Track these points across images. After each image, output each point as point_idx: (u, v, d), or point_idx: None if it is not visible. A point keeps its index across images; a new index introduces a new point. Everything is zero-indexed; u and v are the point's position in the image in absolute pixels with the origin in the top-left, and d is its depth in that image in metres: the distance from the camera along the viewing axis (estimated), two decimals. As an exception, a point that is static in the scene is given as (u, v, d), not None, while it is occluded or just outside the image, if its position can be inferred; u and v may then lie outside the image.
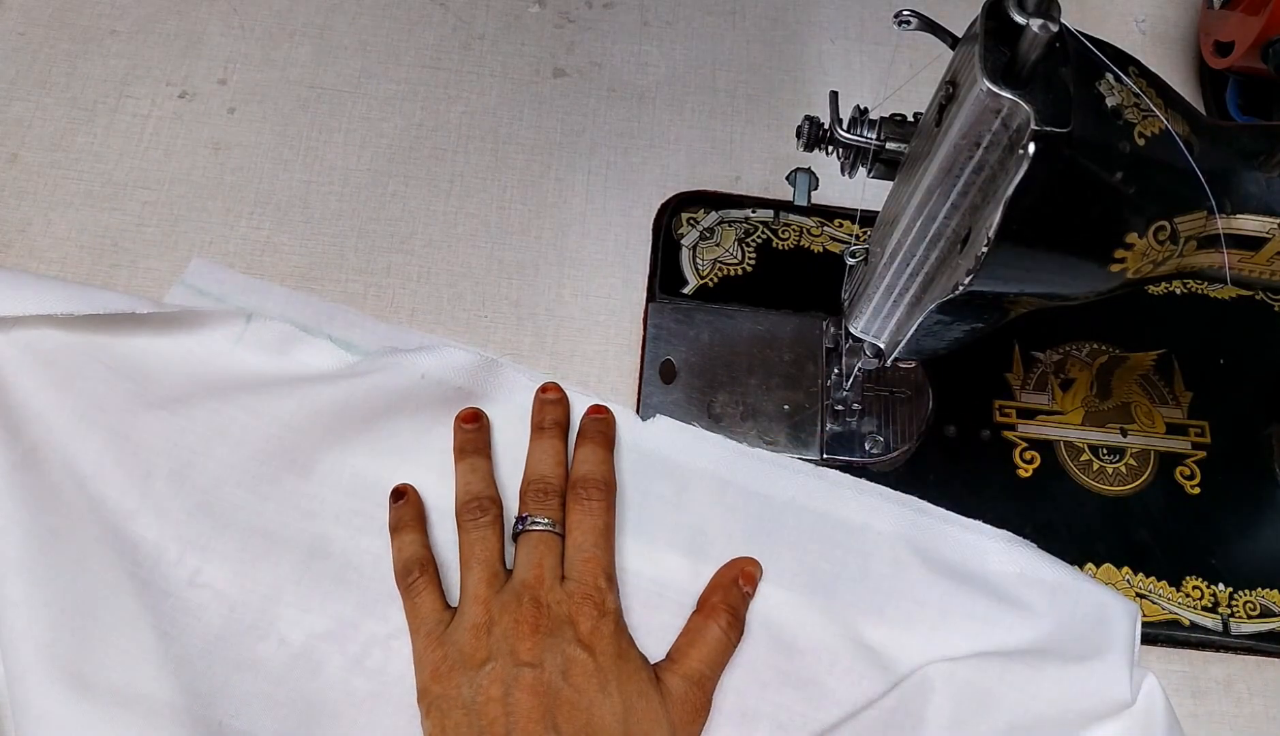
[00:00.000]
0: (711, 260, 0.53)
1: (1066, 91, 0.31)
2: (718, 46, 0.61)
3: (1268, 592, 0.48)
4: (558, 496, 0.45)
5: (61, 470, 0.43)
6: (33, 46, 0.57)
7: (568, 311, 0.53)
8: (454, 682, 0.40)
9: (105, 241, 0.52)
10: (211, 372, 0.47)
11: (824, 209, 0.55)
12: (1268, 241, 0.36)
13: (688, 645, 0.43)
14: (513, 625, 0.40)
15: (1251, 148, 0.36)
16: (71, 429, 0.44)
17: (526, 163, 0.56)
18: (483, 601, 0.41)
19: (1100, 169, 0.32)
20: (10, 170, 0.54)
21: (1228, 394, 0.52)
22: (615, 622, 0.42)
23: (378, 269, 0.53)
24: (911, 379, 0.50)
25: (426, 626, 0.42)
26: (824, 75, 0.60)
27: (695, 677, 0.42)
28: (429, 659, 0.41)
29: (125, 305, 0.45)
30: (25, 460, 0.42)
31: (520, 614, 0.40)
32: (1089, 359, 0.53)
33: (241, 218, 0.53)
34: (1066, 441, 0.51)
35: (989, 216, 0.33)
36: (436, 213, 0.55)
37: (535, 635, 0.40)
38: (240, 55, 0.58)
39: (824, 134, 0.39)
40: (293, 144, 0.56)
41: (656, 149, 0.57)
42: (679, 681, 0.41)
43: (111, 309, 0.45)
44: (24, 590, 0.40)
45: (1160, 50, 0.63)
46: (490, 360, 0.48)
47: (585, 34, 0.60)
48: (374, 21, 0.60)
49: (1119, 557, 0.48)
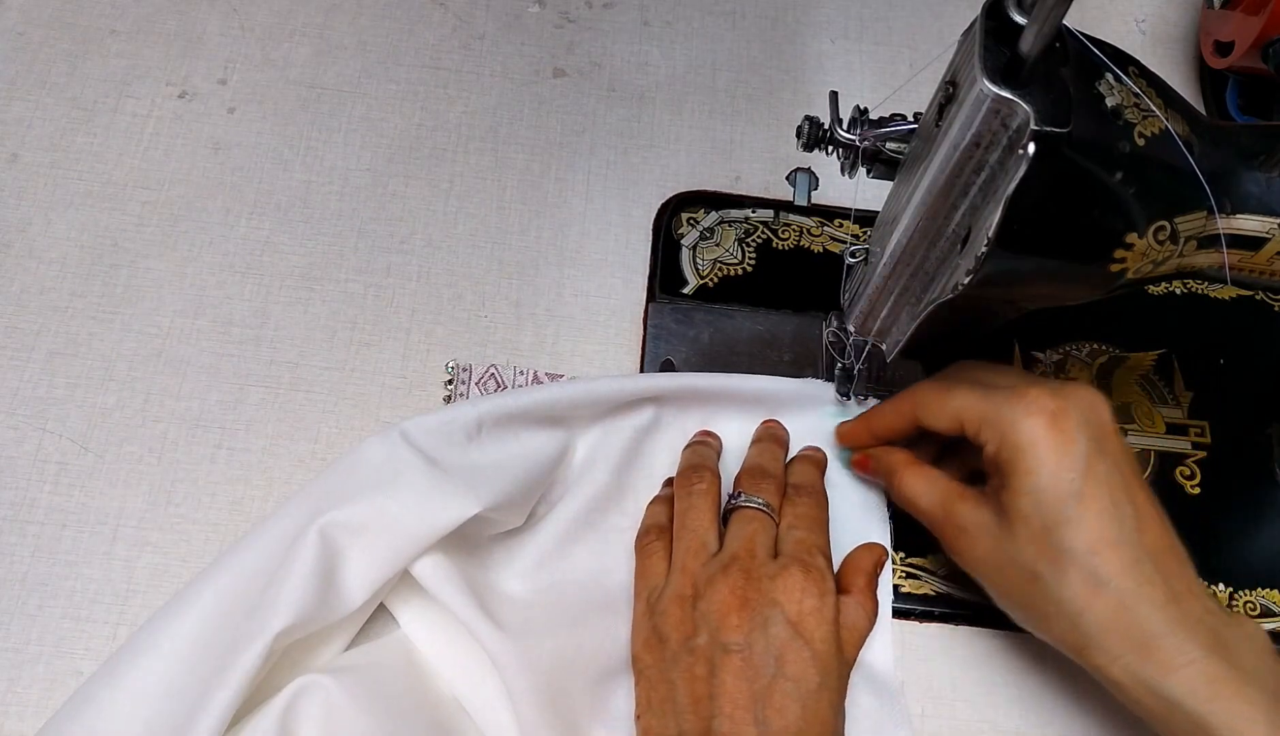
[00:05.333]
0: (711, 260, 0.53)
1: (1066, 91, 0.31)
2: (718, 46, 0.61)
3: (1268, 592, 0.48)
4: (775, 484, 0.43)
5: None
6: (33, 46, 0.57)
7: (568, 311, 0.53)
8: (662, 654, 0.39)
9: (105, 241, 0.52)
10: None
11: (824, 209, 0.55)
12: (1268, 241, 0.36)
13: (841, 628, 0.40)
14: (719, 598, 0.38)
15: (1251, 148, 0.36)
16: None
17: (526, 163, 0.56)
18: (689, 572, 0.40)
19: (1100, 169, 0.32)
20: (10, 170, 0.54)
21: (1228, 394, 0.52)
22: (835, 609, 0.39)
23: (378, 269, 0.53)
24: (911, 379, 0.50)
25: (647, 591, 0.41)
26: (824, 75, 0.60)
27: (851, 663, 0.40)
28: (643, 627, 0.40)
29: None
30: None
31: (728, 587, 0.38)
32: (1089, 359, 0.53)
33: (241, 218, 0.53)
34: (1066, 441, 0.50)
35: (989, 216, 0.33)
36: (436, 213, 0.55)
37: (742, 609, 0.38)
38: (240, 55, 0.58)
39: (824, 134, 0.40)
40: (293, 144, 0.56)
41: (656, 149, 0.57)
42: (845, 665, 0.39)
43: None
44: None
45: (1160, 50, 0.63)
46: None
47: (585, 34, 0.60)
48: (374, 21, 0.60)
49: (1119, 557, 0.48)
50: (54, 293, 0.51)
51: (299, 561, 0.40)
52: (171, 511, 0.46)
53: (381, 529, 0.41)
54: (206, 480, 0.47)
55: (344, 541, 0.41)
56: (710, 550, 0.41)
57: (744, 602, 0.38)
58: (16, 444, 0.47)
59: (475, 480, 0.42)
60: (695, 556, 0.40)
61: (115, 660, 0.39)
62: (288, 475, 0.48)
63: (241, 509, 0.47)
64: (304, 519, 0.41)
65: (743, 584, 0.38)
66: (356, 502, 0.41)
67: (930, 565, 0.47)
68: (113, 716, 0.38)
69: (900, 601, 0.46)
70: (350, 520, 0.41)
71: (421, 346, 0.51)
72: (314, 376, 0.50)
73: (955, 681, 0.46)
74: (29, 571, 0.45)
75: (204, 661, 0.38)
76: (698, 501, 0.42)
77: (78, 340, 0.50)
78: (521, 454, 0.45)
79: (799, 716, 0.36)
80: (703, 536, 0.41)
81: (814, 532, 0.41)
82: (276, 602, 0.39)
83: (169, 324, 0.51)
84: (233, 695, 0.37)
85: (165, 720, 0.38)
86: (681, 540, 0.41)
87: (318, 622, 0.40)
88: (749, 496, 0.42)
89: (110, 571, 0.45)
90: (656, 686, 0.38)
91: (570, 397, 0.46)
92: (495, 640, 0.40)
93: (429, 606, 0.43)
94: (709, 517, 0.42)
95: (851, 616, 0.40)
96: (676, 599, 0.39)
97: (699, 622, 0.38)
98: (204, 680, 0.38)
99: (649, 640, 0.40)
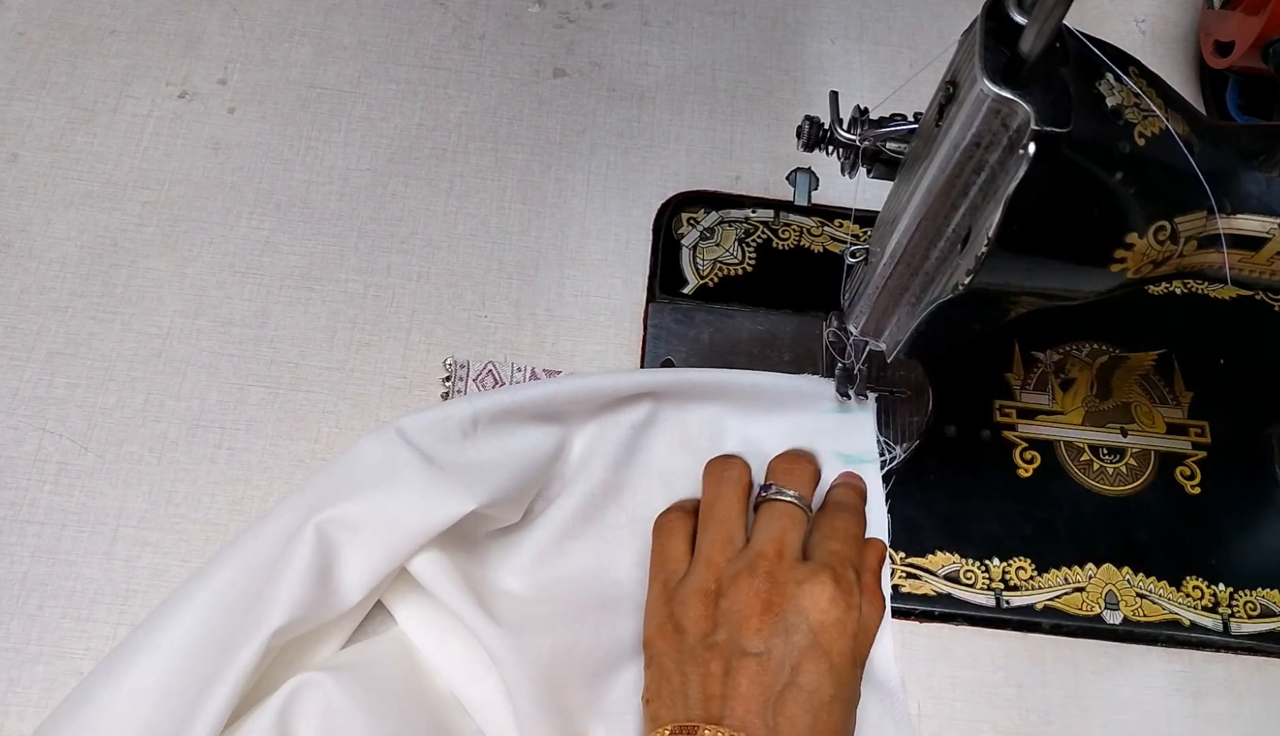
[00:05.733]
0: (711, 260, 0.53)
1: (1066, 91, 0.31)
2: (718, 46, 0.61)
3: (1268, 592, 0.48)
4: (809, 475, 0.43)
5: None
6: (33, 46, 0.57)
7: (568, 311, 0.53)
8: (679, 645, 0.38)
9: (105, 241, 0.52)
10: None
11: (824, 209, 0.55)
12: (1268, 241, 0.36)
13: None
14: (742, 599, 0.38)
15: (1251, 148, 0.36)
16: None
17: (526, 163, 0.56)
18: (714, 567, 0.39)
19: (1100, 169, 0.32)
20: (10, 170, 0.54)
21: (1228, 394, 0.52)
22: (858, 624, 0.38)
23: (378, 269, 0.53)
24: (911, 379, 0.50)
25: (664, 573, 0.41)
26: (824, 75, 0.60)
27: (863, 664, 0.40)
28: (657, 612, 0.40)
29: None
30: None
31: (753, 588, 0.38)
32: (1089, 359, 0.53)
33: (241, 218, 0.53)
34: (1066, 441, 0.51)
35: (989, 216, 0.33)
36: (436, 213, 0.55)
37: (765, 614, 0.37)
38: (240, 55, 0.58)
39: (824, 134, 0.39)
40: (293, 144, 0.56)
41: (656, 149, 0.57)
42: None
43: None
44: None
45: (1160, 50, 0.63)
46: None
47: (585, 34, 0.60)
48: (374, 21, 0.60)
49: (1119, 557, 0.48)
50: (54, 293, 0.51)
51: (296, 558, 0.40)
52: (171, 511, 0.46)
53: (378, 526, 0.41)
54: (206, 480, 0.47)
55: (340, 538, 0.41)
56: (737, 544, 0.40)
57: (768, 606, 0.37)
58: (16, 444, 0.47)
59: (472, 477, 0.42)
60: (721, 550, 0.40)
61: (113, 658, 0.39)
62: (288, 475, 0.48)
63: (241, 509, 0.47)
64: (300, 516, 0.41)
65: (767, 588, 0.38)
66: (353, 500, 0.41)
67: (930, 565, 0.47)
68: (111, 714, 0.38)
69: (900, 601, 0.46)
70: (347, 517, 0.41)
71: (421, 346, 0.51)
72: (314, 376, 0.50)
73: (955, 681, 0.46)
74: (29, 571, 0.45)
75: (202, 658, 0.38)
76: (727, 491, 0.42)
77: (78, 340, 0.50)
78: (518, 450, 0.45)
79: (809, 727, 0.36)
80: (730, 529, 0.40)
81: (849, 546, 0.41)
82: (274, 600, 0.39)
83: (169, 324, 0.50)
84: (230, 692, 0.37)
85: (164, 718, 0.37)
86: (708, 530, 0.41)
87: (315, 620, 0.40)
88: (781, 489, 0.41)
89: (110, 571, 0.45)
90: (670, 676, 0.38)
91: (567, 393, 0.45)
92: (493, 636, 0.40)
93: (426, 603, 0.43)
94: (738, 509, 0.41)
95: (864, 617, 0.39)
96: (699, 593, 0.39)
97: (720, 620, 0.38)
98: (202, 677, 0.38)
99: (664, 627, 0.39)
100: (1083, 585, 0.47)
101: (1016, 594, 0.47)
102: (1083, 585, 0.47)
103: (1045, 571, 0.48)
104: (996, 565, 0.48)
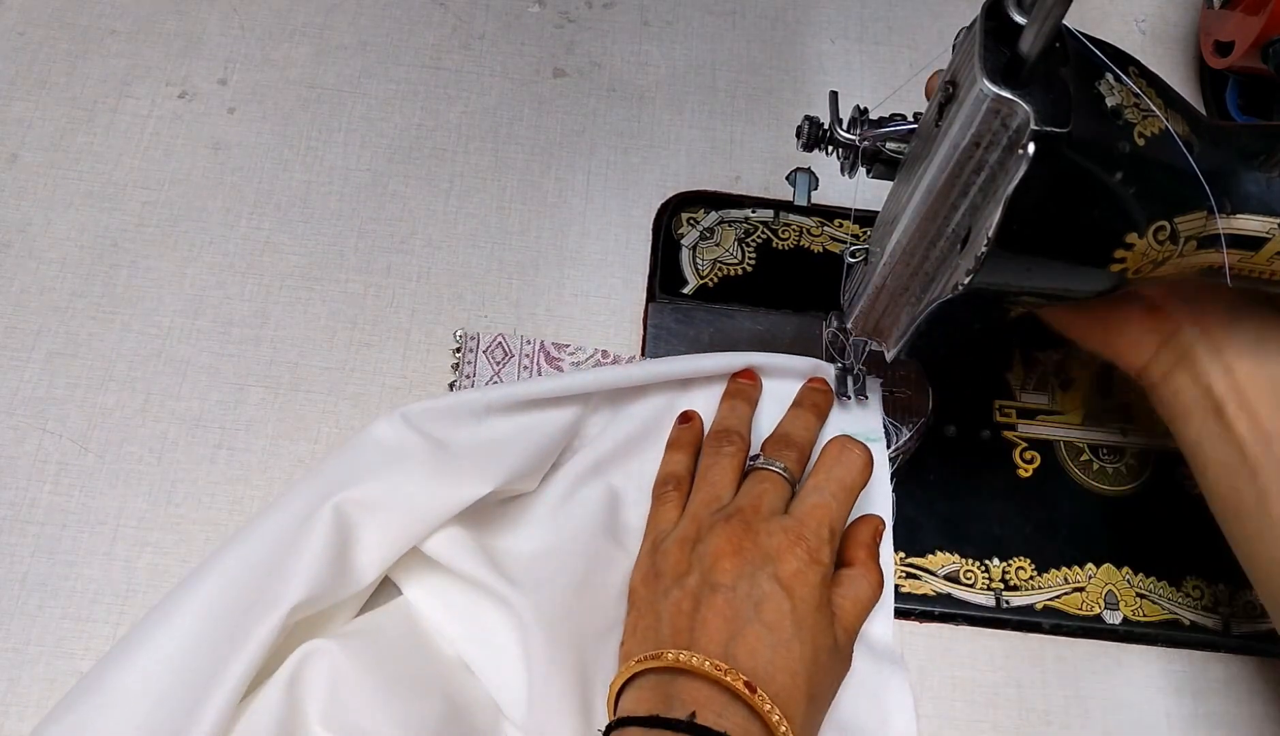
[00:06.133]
0: (711, 260, 0.53)
1: (1066, 91, 0.31)
2: (718, 46, 0.61)
3: (1268, 592, 0.48)
4: (799, 453, 0.44)
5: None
6: (33, 46, 0.57)
7: (568, 311, 0.53)
8: (655, 588, 0.41)
9: (105, 241, 0.52)
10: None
11: (824, 209, 0.55)
12: (1268, 241, 0.36)
13: (842, 598, 0.41)
14: (715, 543, 0.40)
15: (1251, 148, 0.36)
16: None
17: (526, 163, 0.56)
18: (696, 518, 0.42)
19: (1100, 169, 0.32)
20: (10, 170, 0.54)
21: (1228, 394, 0.52)
22: (822, 577, 0.39)
23: (378, 269, 0.53)
24: (911, 379, 0.50)
25: (655, 534, 0.43)
26: (824, 75, 0.60)
27: (851, 632, 0.40)
28: (644, 563, 0.43)
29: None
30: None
31: (727, 532, 0.40)
32: (1089, 359, 0.53)
33: (241, 218, 0.53)
34: (1066, 441, 0.51)
35: (989, 216, 0.33)
36: (436, 213, 0.55)
37: (736, 556, 0.39)
38: (240, 55, 0.58)
39: (824, 134, 0.40)
40: (293, 144, 0.56)
41: (656, 149, 0.57)
42: (842, 633, 0.40)
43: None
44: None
45: (1160, 50, 0.63)
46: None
47: (585, 34, 0.60)
48: (374, 21, 0.60)
49: (1119, 557, 0.48)
50: (54, 293, 0.51)
51: (314, 537, 0.40)
52: (171, 511, 0.46)
53: (395, 506, 0.42)
54: (206, 480, 0.47)
55: (358, 518, 0.42)
56: (722, 503, 0.42)
57: (738, 550, 0.39)
58: (16, 444, 0.47)
59: (487, 459, 0.43)
60: (706, 506, 0.42)
61: (130, 635, 0.39)
62: (288, 475, 0.48)
63: (241, 509, 0.47)
64: (317, 497, 0.42)
65: (740, 533, 0.40)
66: (370, 481, 0.42)
67: (930, 565, 0.47)
68: (129, 687, 0.38)
69: (900, 601, 0.46)
70: (364, 498, 0.42)
71: (421, 346, 0.51)
72: (314, 376, 0.50)
73: (955, 681, 0.46)
74: (29, 571, 0.45)
75: (219, 634, 0.39)
76: (723, 461, 0.44)
77: (78, 340, 0.50)
78: (532, 426, 0.45)
79: (768, 661, 0.37)
80: (719, 490, 0.43)
81: (835, 499, 0.41)
82: (292, 577, 0.39)
83: (169, 324, 0.51)
84: (246, 668, 0.38)
85: (180, 692, 0.38)
86: (700, 491, 0.43)
87: (331, 598, 0.41)
88: (769, 460, 0.43)
89: (110, 571, 0.45)
90: (644, 615, 0.41)
91: (580, 387, 0.46)
92: (511, 593, 0.41)
93: (431, 570, 0.44)
94: (730, 477, 0.43)
95: (855, 588, 0.41)
96: (679, 541, 0.41)
97: (694, 562, 0.40)
98: (219, 653, 0.38)
99: (646, 575, 0.42)
100: (1082, 585, 0.47)
101: (1016, 594, 0.47)
102: (1082, 585, 0.47)
103: (1045, 571, 0.48)
104: (996, 565, 0.48)
